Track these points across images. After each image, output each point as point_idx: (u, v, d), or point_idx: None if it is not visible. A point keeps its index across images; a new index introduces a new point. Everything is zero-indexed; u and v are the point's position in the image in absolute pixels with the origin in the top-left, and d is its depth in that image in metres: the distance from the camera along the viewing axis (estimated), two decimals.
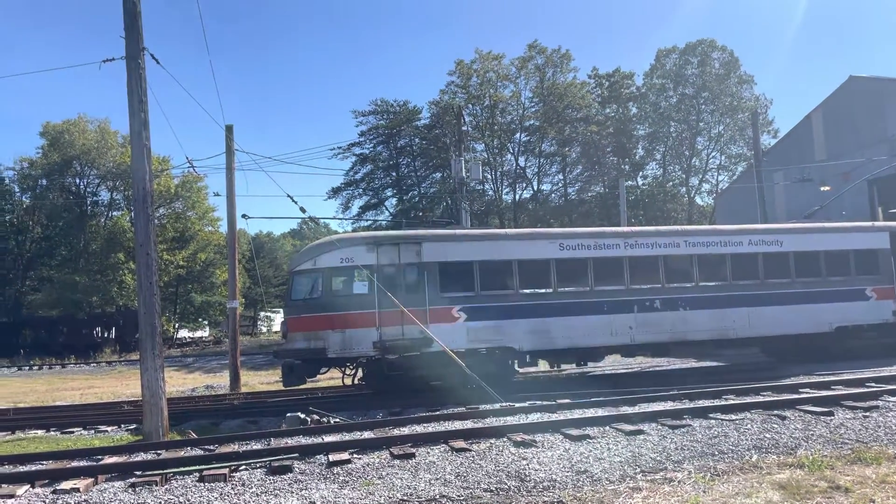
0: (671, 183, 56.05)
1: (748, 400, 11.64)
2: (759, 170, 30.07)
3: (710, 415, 10.56)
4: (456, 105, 45.68)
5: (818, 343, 18.57)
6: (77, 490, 7.86)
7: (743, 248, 18.17)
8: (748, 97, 53.75)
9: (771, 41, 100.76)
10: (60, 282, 50.07)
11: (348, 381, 16.60)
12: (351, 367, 16.34)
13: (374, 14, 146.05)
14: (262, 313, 77.32)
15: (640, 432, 9.59)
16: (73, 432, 13.97)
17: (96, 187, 56.87)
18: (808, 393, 12.19)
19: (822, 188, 28.93)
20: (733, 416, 10.39)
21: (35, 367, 38.71)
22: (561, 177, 57.36)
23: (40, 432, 14.12)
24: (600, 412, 11.16)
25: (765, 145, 42.83)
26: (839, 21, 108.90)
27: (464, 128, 40.82)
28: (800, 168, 31.35)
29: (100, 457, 9.81)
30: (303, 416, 12.59)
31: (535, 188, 56.33)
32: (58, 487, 7.98)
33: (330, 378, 18.81)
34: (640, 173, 56.78)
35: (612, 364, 22.63)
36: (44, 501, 7.53)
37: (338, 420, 12.42)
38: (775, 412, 10.56)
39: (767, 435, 9.27)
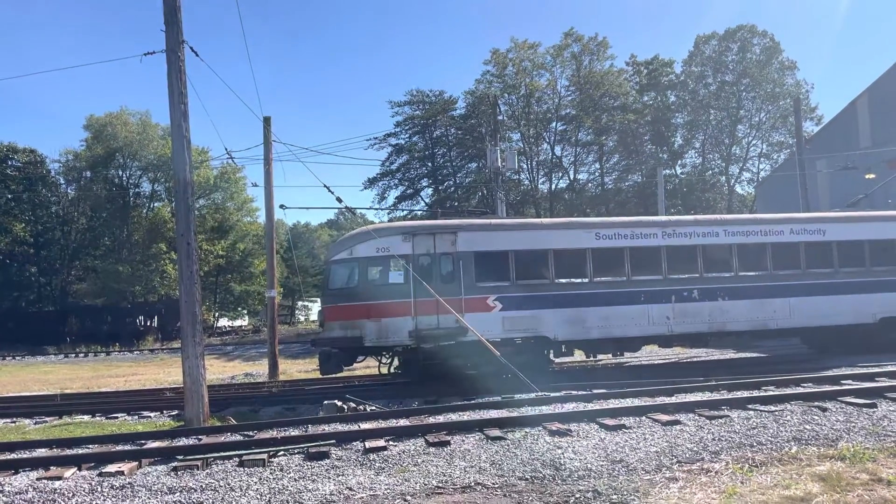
0: (710, 172, 55.11)
1: (788, 391, 11.44)
2: (801, 157, 29.39)
3: (749, 406, 10.42)
4: (491, 94, 45.51)
5: (861, 334, 18.13)
6: (122, 473, 8.09)
7: (784, 238, 17.83)
8: (790, 83, 52.53)
9: (813, 25, 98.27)
10: (104, 271, 51.34)
11: (384, 370, 16.75)
12: (387, 355, 16.48)
13: (410, 4, 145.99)
14: (300, 303, 78.22)
15: (677, 422, 9.51)
16: (117, 417, 14.36)
17: (138, 179, 58.13)
18: (851, 384, 11.94)
19: (867, 176, 28.18)
20: (773, 408, 10.23)
21: (81, 355, 39.81)
22: (597, 166, 56.89)
23: (86, 417, 14.54)
24: (636, 402, 11.08)
25: (808, 132, 41.88)
26: (885, 3, 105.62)
27: (499, 117, 40.68)
28: (844, 155, 30.56)
29: (143, 441, 10.08)
30: (339, 403, 12.74)
31: (572, 177, 55.91)
32: (103, 470, 8.22)
33: (366, 367, 19.02)
34: (679, 162, 55.99)
35: (649, 354, 22.44)
36: (90, 484, 7.75)
37: (374, 408, 12.55)
38: (816, 404, 10.37)
39: (808, 426, 9.12)
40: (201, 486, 7.52)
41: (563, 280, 16.42)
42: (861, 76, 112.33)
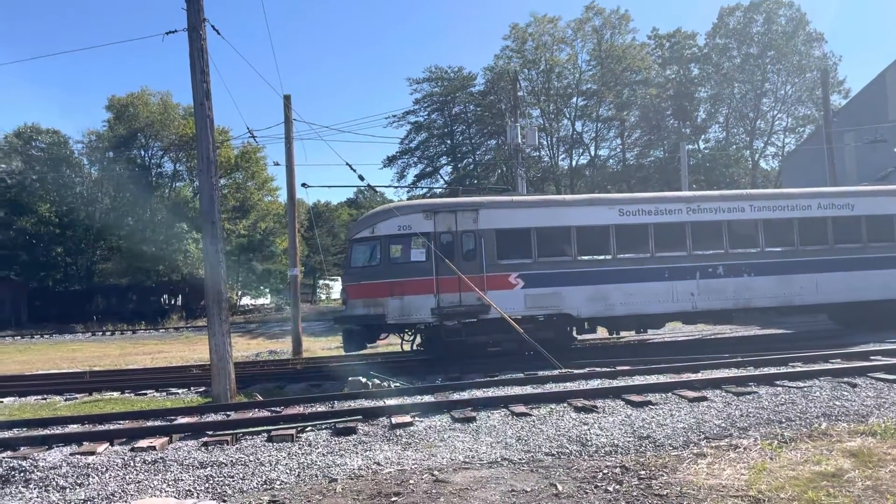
0: (734, 146, 54.34)
1: (816, 367, 11.34)
2: (829, 131, 28.86)
3: (777, 382, 10.34)
4: (511, 70, 45.11)
5: (890, 310, 17.88)
6: (153, 448, 8.22)
7: (811, 213, 17.57)
8: (817, 55, 51.45)
9: None
10: (129, 251, 51.93)
11: (407, 348, 16.82)
12: (409, 333, 16.53)
13: None
14: (321, 281, 78.72)
15: (704, 399, 9.46)
16: (146, 394, 14.59)
17: (160, 159, 58.50)
18: (880, 360, 11.80)
19: None
20: (801, 384, 10.15)
21: (108, 333, 40.44)
22: (619, 142, 56.40)
23: (115, 394, 14.79)
24: (662, 378, 11.04)
25: (835, 105, 41.10)
26: None
27: (519, 93, 40.26)
28: (872, 128, 29.96)
29: (173, 417, 10.22)
30: (364, 380, 12.83)
31: (593, 154, 55.47)
32: (135, 445, 8.36)
33: (389, 344, 19.12)
34: (702, 137, 55.30)
35: (673, 331, 22.32)
36: (123, 458, 7.88)
37: (398, 384, 12.62)
38: (845, 379, 10.27)
39: (837, 402, 9.04)
40: (231, 460, 7.62)
41: (586, 257, 16.34)
42: (890, 48, 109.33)
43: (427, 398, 10.53)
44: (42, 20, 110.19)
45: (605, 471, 6.73)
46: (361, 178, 21.34)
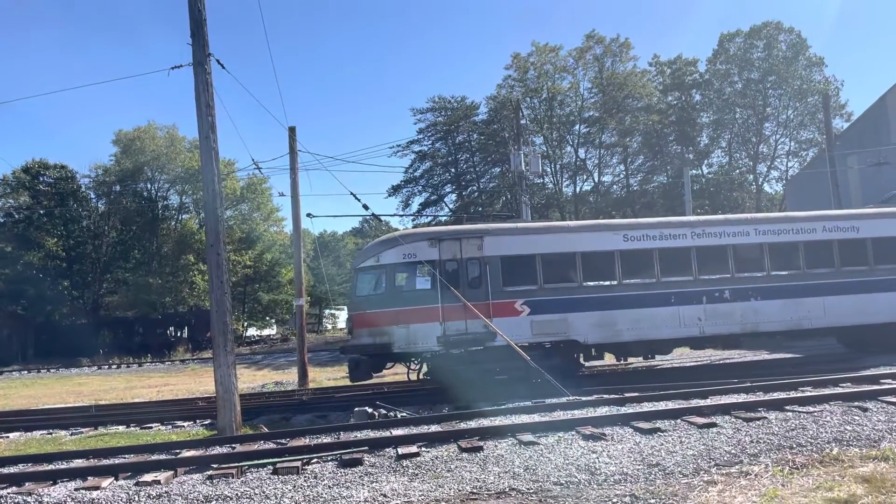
0: (738, 171, 54.46)
1: (826, 392, 11.22)
2: (831, 154, 28.92)
3: (787, 407, 10.22)
4: (513, 99, 45.42)
5: None
6: (158, 482, 8.15)
7: (817, 236, 17.55)
8: (818, 80, 51.71)
9: (842, 19, 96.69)
10: (135, 284, 52.04)
11: (413, 377, 16.74)
12: (415, 362, 16.47)
13: (430, 10, 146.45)
14: (327, 311, 78.64)
15: (713, 425, 9.35)
16: (151, 427, 14.52)
17: (166, 192, 58.88)
18: (891, 384, 11.67)
19: None
20: (811, 409, 10.03)
21: (114, 366, 40.33)
22: (622, 168, 56.51)
23: (121, 428, 14.73)
24: (670, 405, 10.94)
25: (837, 129, 41.21)
26: None
27: (522, 121, 40.50)
28: (875, 151, 30.01)
29: (178, 451, 10.14)
30: (370, 410, 12.75)
31: (596, 180, 55.55)
32: (140, 480, 8.28)
33: (395, 373, 19.04)
34: (705, 162, 55.42)
35: (681, 357, 22.17)
36: (127, 493, 7.82)
37: (405, 414, 12.53)
38: (856, 404, 10.15)
39: (848, 427, 8.93)
40: (237, 493, 7.55)
41: (592, 283, 16.31)
42: (891, 71, 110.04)
43: (434, 428, 10.44)
44: (51, 55, 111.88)
45: (615, 500, 6.65)
46: (366, 207, 21.46)
